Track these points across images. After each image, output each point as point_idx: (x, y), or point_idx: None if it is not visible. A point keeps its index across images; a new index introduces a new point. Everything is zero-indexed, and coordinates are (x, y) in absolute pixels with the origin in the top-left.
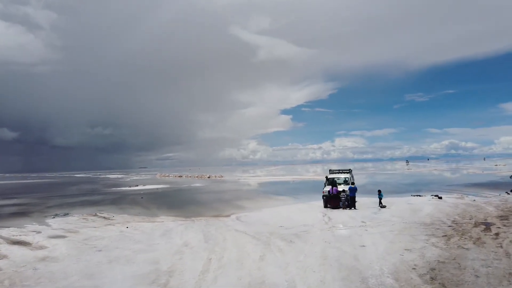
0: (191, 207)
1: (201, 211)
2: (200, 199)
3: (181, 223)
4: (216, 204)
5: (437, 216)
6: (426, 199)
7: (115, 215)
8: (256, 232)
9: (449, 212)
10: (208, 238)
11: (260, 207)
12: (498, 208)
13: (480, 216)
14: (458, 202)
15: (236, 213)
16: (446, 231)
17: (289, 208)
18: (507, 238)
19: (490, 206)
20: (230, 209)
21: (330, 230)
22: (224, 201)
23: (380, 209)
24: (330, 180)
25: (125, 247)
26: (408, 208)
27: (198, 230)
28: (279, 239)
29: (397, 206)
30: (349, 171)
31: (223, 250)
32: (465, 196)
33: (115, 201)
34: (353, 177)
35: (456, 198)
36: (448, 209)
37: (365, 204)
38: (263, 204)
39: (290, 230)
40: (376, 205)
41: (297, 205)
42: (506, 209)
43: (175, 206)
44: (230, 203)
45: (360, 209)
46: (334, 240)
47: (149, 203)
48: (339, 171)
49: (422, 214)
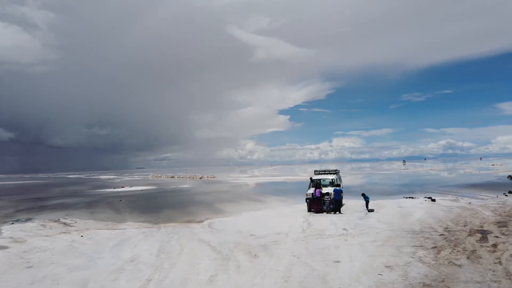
0: (167, 211)
1: (175, 216)
2: (180, 202)
3: (144, 231)
4: (195, 208)
5: (428, 222)
6: (419, 201)
7: (79, 221)
8: (222, 242)
9: (441, 217)
10: (162, 251)
11: (240, 210)
12: (495, 212)
13: (475, 222)
14: (452, 205)
15: (211, 218)
16: (436, 241)
17: (270, 212)
18: (506, 251)
19: (487, 210)
20: (207, 214)
21: (305, 240)
22: (205, 204)
23: (368, 213)
24: (315, 181)
25: (63, 262)
26: (398, 212)
27: (158, 240)
28: (243, 252)
29: (387, 210)
30: (336, 172)
31: (172, 267)
32: (460, 198)
33: (90, 204)
34: (340, 179)
35: (450, 201)
36: (441, 213)
37: (353, 208)
38: (244, 207)
39: (260, 239)
40: (364, 209)
41: (281, 209)
42: (504, 214)
43: (151, 210)
44: (211, 206)
45: (346, 213)
46: (306, 254)
47: (125, 206)
48: (324, 171)
49: (412, 220)
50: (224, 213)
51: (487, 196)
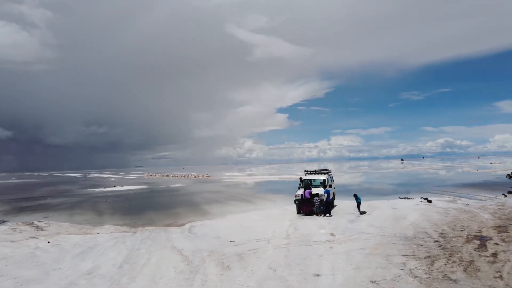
0: (151, 212)
1: (157, 219)
2: (167, 203)
3: (117, 236)
4: (181, 209)
5: (422, 226)
6: (414, 202)
7: (54, 224)
8: (196, 250)
9: (437, 220)
10: (127, 261)
11: (226, 212)
12: (494, 215)
13: (473, 226)
14: (449, 206)
15: (194, 221)
16: (430, 249)
17: (258, 215)
18: (508, 262)
19: (486, 213)
20: (191, 216)
21: (287, 248)
22: (192, 205)
23: (359, 215)
24: (305, 182)
25: (14, 274)
26: (391, 215)
27: (128, 247)
28: (215, 263)
29: (379, 212)
30: (327, 172)
31: (130, 282)
32: (458, 199)
33: (74, 205)
34: (332, 179)
35: (447, 202)
36: (437, 216)
37: (345, 209)
38: (232, 209)
39: (238, 247)
40: (356, 210)
41: (269, 210)
42: (504, 217)
43: (134, 211)
44: (197, 207)
45: (336, 215)
46: (284, 265)
47: (108, 207)
48: (315, 171)
49: (405, 224)
50: (209, 215)
51: (485, 196)
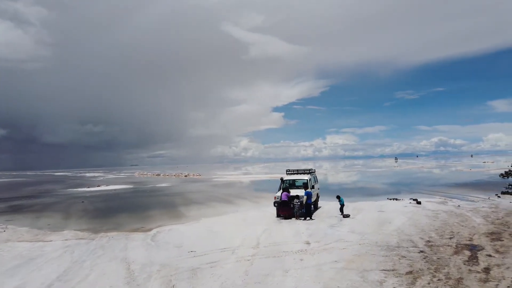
0: (122, 215)
1: (126, 222)
2: (144, 204)
3: (69, 244)
4: (155, 211)
5: (408, 232)
6: (403, 204)
7: (10, 229)
8: (147, 263)
9: (425, 225)
10: (61, 278)
11: (202, 215)
12: (487, 218)
13: (464, 232)
14: (439, 208)
15: (163, 226)
16: (414, 262)
17: (234, 218)
18: (502, 280)
19: (478, 216)
20: (163, 219)
21: (251, 260)
22: (169, 207)
23: (342, 219)
24: (286, 182)
25: None
26: (376, 219)
27: (74, 258)
28: (161, 281)
29: (364, 215)
30: (311, 172)
31: None
32: (449, 200)
33: (46, 206)
34: (316, 179)
35: (437, 203)
36: (425, 220)
37: (329, 212)
38: (210, 211)
39: (196, 259)
40: (340, 213)
41: (248, 213)
42: (497, 221)
43: (104, 214)
44: (173, 209)
45: (318, 219)
46: (240, 284)
47: (80, 209)
48: (298, 171)
49: (390, 229)
50: (183, 218)
51: (478, 197)
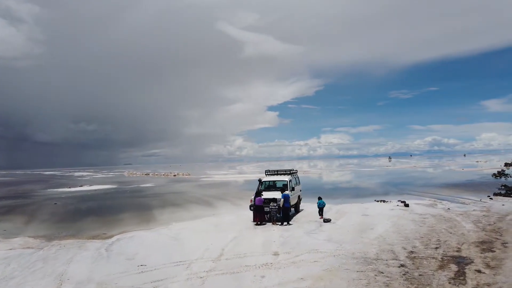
0: (88, 219)
1: (88, 227)
2: (118, 206)
3: (9, 255)
4: (126, 215)
5: (390, 241)
6: (390, 206)
7: None
8: (83, 281)
9: (410, 232)
10: None
11: (174, 220)
12: (478, 224)
13: (452, 241)
14: (427, 212)
15: (126, 232)
16: (391, 280)
17: (206, 223)
18: None
19: (468, 221)
20: (130, 224)
21: (204, 278)
22: (142, 210)
23: (322, 224)
24: (264, 184)
25: None
26: (358, 224)
27: (4, 273)
28: None
29: (346, 220)
30: (291, 173)
31: None
32: (439, 202)
33: (13, 209)
34: (297, 180)
35: (426, 206)
36: (411, 226)
37: (310, 215)
38: (183, 215)
39: (141, 276)
40: (324, 216)
41: (223, 217)
42: (489, 228)
43: (71, 217)
44: (146, 212)
45: (297, 224)
46: None
47: (48, 212)
48: (277, 172)
49: (371, 237)
50: (152, 223)
51: (469, 199)
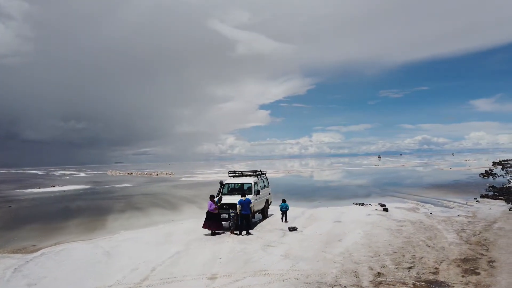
0: (28, 226)
1: (21, 237)
2: (71, 211)
3: None
4: (74, 221)
5: (357, 257)
6: (368, 211)
7: None
8: None
9: (382, 245)
10: None
11: (123, 227)
12: (461, 234)
13: (429, 258)
14: (407, 218)
15: (60, 244)
16: None
17: (157, 232)
18: None
19: (450, 230)
20: (71, 233)
21: None
22: (96, 215)
23: (287, 233)
24: (227, 187)
25: None
26: (326, 234)
27: None
28: None
29: (315, 228)
30: (258, 174)
31: None
32: (421, 206)
33: None
34: (265, 182)
35: (407, 210)
36: (385, 237)
37: (278, 221)
38: (137, 221)
39: None
40: (292, 223)
41: (179, 225)
42: (473, 239)
43: (11, 224)
44: (98, 218)
45: (259, 232)
46: None
47: None
48: (242, 173)
49: (335, 252)
50: (97, 231)
51: (454, 202)
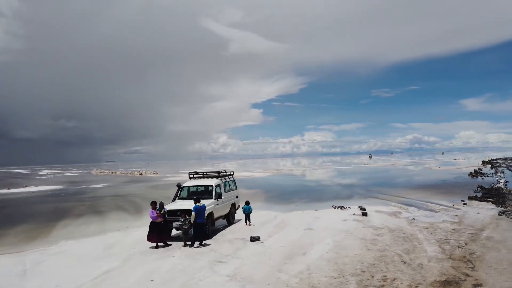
0: None
1: None
2: (28, 215)
3: None
4: (20, 227)
5: (316, 279)
6: (345, 216)
7: None
8: None
9: (350, 261)
10: None
11: (70, 236)
12: (444, 246)
13: (402, 281)
14: (386, 224)
15: None
16: None
17: (98, 242)
18: None
19: (432, 240)
20: (6, 244)
21: None
22: (49, 220)
23: (246, 243)
24: (187, 190)
25: None
26: (291, 245)
27: None
28: None
29: (281, 237)
30: (222, 175)
31: None
32: (404, 209)
33: None
34: (230, 184)
35: (388, 215)
36: (355, 250)
37: (243, 228)
38: (88, 228)
39: None
40: (258, 231)
41: (129, 233)
42: (457, 252)
43: None
44: (49, 224)
45: (215, 243)
46: None
47: None
48: (204, 174)
49: (292, 272)
50: (38, 240)
51: (440, 205)
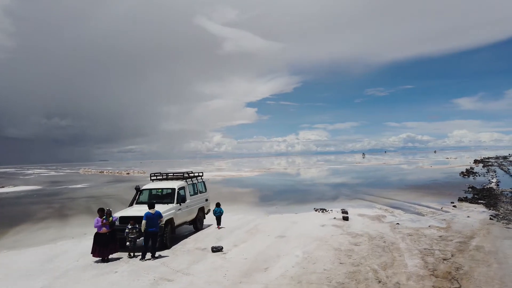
0: None
1: None
2: None
3: None
4: None
5: None
6: (324, 220)
7: None
8: None
9: (316, 280)
10: None
11: (20, 243)
12: (427, 259)
13: None
14: (367, 231)
15: None
16: None
17: (44, 252)
18: None
19: (415, 251)
20: None
21: None
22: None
23: (207, 255)
24: (148, 193)
25: None
26: (255, 257)
27: None
28: None
29: (247, 246)
30: (188, 177)
31: None
32: (390, 212)
33: None
34: (197, 187)
35: (371, 219)
36: (326, 263)
37: (210, 235)
38: (44, 234)
39: None
40: (226, 238)
41: (83, 242)
42: (442, 267)
43: None
44: (3, 230)
45: (172, 254)
46: None
47: None
48: (167, 176)
49: None
50: None
51: (428, 207)
